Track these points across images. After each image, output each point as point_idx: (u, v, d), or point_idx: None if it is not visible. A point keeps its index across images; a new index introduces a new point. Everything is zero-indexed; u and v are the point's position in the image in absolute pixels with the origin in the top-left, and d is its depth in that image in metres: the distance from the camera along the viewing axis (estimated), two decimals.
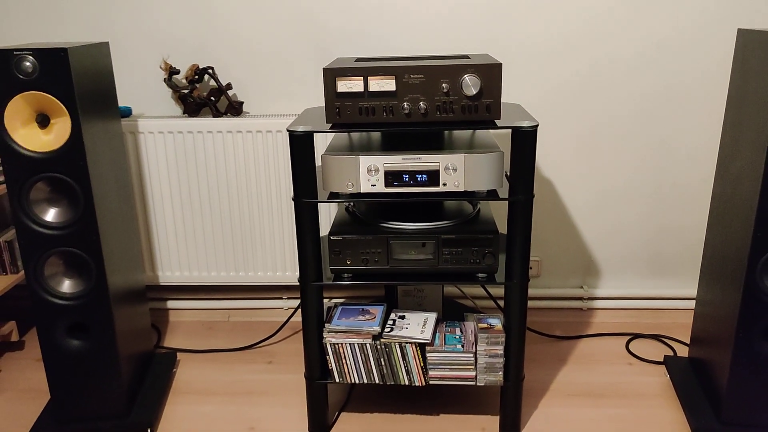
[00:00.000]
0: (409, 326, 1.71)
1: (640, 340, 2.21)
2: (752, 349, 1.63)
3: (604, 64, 2.12)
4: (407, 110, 1.52)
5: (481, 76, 1.49)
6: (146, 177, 2.18)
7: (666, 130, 2.18)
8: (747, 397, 1.67)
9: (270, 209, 2.20)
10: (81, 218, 1.62)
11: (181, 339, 2.29)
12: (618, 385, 1.97)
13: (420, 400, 1.91)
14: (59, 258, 1.66)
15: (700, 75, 2.12)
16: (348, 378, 1.72)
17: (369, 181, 1.57)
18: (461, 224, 1.68)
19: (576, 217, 2.31)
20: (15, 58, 1.49)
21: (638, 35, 2.09)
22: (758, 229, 1.54)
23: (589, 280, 2.38)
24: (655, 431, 1.76)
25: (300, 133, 1.54)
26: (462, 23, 2.11)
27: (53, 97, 1.52)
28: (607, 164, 2.23)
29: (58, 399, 1.75)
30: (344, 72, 1.50)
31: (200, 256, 2.26)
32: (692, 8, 2.05)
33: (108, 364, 1.73)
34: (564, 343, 2.21)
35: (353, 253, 1.65)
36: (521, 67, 2.15)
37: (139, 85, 2.22)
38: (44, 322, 1.68)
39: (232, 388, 2.00)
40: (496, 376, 1.69)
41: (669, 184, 2.24)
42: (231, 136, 2.13)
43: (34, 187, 1.59)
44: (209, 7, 2.12)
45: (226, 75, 2.19)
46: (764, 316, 1.60)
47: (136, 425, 1.78)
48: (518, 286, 1.63)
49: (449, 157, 1.55)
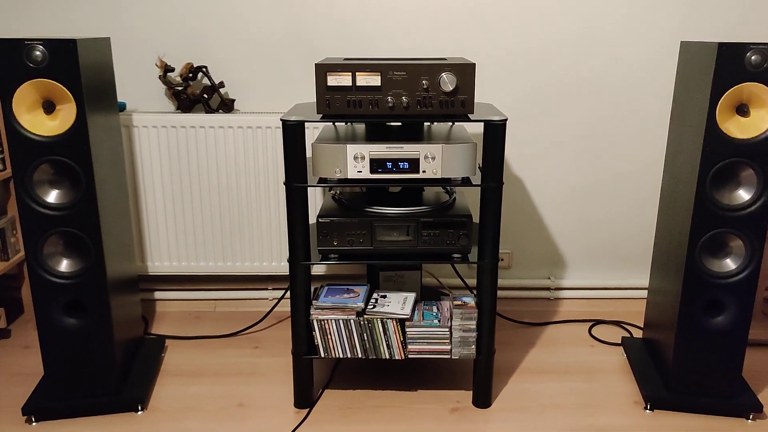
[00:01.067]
0: (390, 304, 1.85)
1: (602, 325, 2.39)
2: (694, 324, 1.82)
3: (567, 72, 2.32)
4: (391, 104, 1.67)
5: (457, 74, 1.65)
6: (139, 169, 2.28)
7: (622, 133, 2.39)
8: (690, 367, 1.85)
9: (258, 201, 2.32)
10: (82, 200, 1.72)
11: (168, 327, 2.38)
12: (580, 363, 2.14)
13: (399, 377, 2.04)
14: (59, 238, 1.75)
15: (651, 83, 2.34)
16: (333, 353, 1.84)
17: (355, 168, 1.71)
18: (438, 209, 1.83)
19: (544, 213, 2.49)
20: (26, 48, 1.60)
21: (598, 48, 2.30)
22: (696, 215, 1.74)
23: (556, 272, 2.56)
24: (612, 401, 1.94)
25: (293, 122, 1.68)
26: (442, 36, 2.29)
27: (61, 84, 1.63)
28: (572, 165, 2.43)
29: (52, 376, 1.82)
30: (334, 67, 1.65)
31: (189, 247, 2.36)
32: (643, 24, 2.27)
33: (102, 341, 1.82)
34: (532, 329, 2.38)
35: (339, 234, 1.78)
36: (495, 75, 2.33)
37: (134, 82, 2.33)
38: (41, 300, 1.76)
39: (220, 370, 2.10)
40: (469, 350, 1.84)
41: (625, 183, 2.44)
42: (222, 132, 2.25)
43: (38, 170, 1.69)
44: (205, 8, 2.26)
45: (219, 74, 2.32)
46: (703, 293, 1.80)
47: (127, 402, 1.87)
48: (489, 265, 1.79)
49: (428, 147, 1.70)
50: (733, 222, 1.75)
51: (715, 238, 1.78)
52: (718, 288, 1.79)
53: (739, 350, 1.83)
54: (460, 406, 1.91)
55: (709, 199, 1.73)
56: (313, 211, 2.33)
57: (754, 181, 1.72)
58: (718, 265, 1.80)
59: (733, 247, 1.79)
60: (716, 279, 1.79)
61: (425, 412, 1.88)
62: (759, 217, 1.73)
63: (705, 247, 1.78)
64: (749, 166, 1.71)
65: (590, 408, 1.91)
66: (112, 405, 1.86)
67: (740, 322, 1.80)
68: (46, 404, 1.82)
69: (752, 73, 1.64)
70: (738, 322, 1.80)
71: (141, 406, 1.87)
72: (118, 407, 1.86)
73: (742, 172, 1.73)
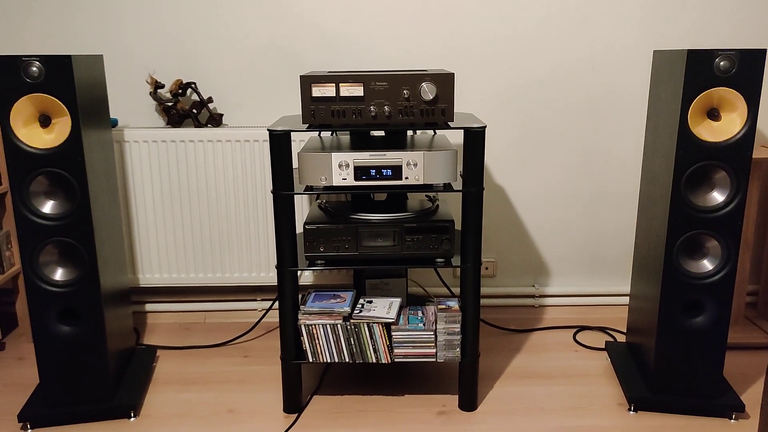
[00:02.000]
0: (376, 309, 1.89)
1: (586, 331, 2.44)
2: (674, 324, 1.86)
3: (545, 82, 2.40)
4: (374, 113, 1.74)
5: (437, 83, 1.72)
6: (130, 183, 2.34)
7: (600, 140, 2.46)
8: (672, 367, 1.89)
9: (246, 213, 2.38)
10: (76, 210, 1.78)
11: (159, 339, 2.42)
12: (565, 368, 2.18)
13: (386, 383, 2.07)
14: (54, 247, 1.80)
15: (627, 91, 2.42)
16: (321, 358, 1.88)
17: (340, 176, 1.77)
18: (422, 215, 1.89)
19: (527, 221, 2.55)
20: (23, 64, 1.67)
21: (574, 58, 2.38)
22: (672, 217, 1.80)
23: (540, 280, 2.61)
24: (596, 403, 1.97)
25: (279, 132, 1.74)
26: (424, 47, 2.37)
27: (57, 99, 1.70)
28: (553, 173, 2.49)
29: (47, 383, 1.86)
30: (318, 79, 1.72)
31: (179, 259, 2.41)
32: (617, 33, 2.36)
33: (96, 349, 1.86)
34: (518, 335, 2.42)
35: (326, 241, 1.83)
36: (474, 85, 2.41)
37: (125, 98, 2.40)
38: (37, 308, 1.81)
39: (210, 378, 2.14)
40: (454, 353, 1.88)
41: (606, 190, 2.51)
42: (211, 145, 2.31)
43: (35, 181, 1.75)
44: (194, 26, 2.34)
45: (208, 89, 2.39)
46: (682, 294, 1.84)
47: (120, 408, 1.90)
48: (472, 268, 1.84)
49: (411, 154, 1.77)
50: (708, 223, 1.80)
51: (692, 239, 1.83)
52: (697, 289, 1.84)
53: (719, 350, 1.87)
54: (446, 409, 1.94)
55: (684, 202, 1.79)
56: (300, 221, 2.39)
57: (728, 183, 1.78)
58: (696, 266, 1.85)
59: (710, 248, 1.84)
60: (694, 280, 1.84)
61: (412, 415, 1.91)
62: (733, 217, 1.79)
63: (682, 248, 1.83)
64: (722, 169, 1.78)
65: (575, 410, 1.94)
66: (105, 412, 1.89)
67: (719, 321, 1.85)
68: (42, 411, 1.86)
69: (721, 78, 1.70)
70: (717, 321, 1.85)
71: (134, 412, 1.90)
72: (111, 414, 1.89)
73: (716, 175, 1.79)
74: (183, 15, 2.33)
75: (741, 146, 1.74)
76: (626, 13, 2.34)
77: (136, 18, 2.33)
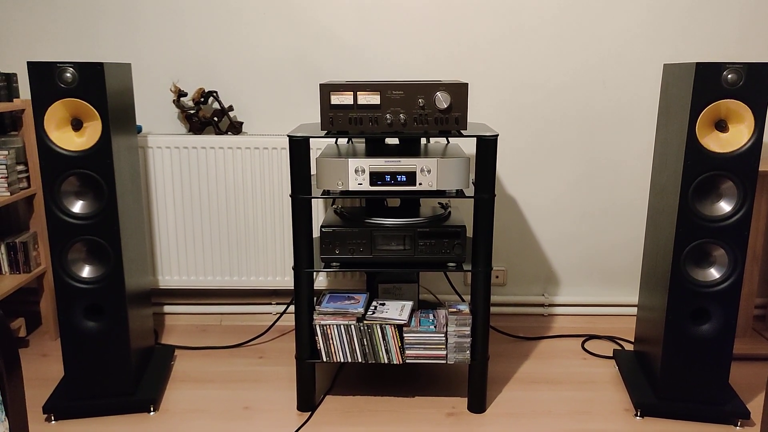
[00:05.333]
0: (388, 311, 1.95)
1: (595, 340, 2.47)
2: (680, 331, 1.90)
3: (558, 95, 2.46)
4: (389, 121, 1.81)
5: (451, 93, 1.79)
6: (152, 187, 2.42)
7: (610, 152, 2.51)
8: (678, 374, 1.92)
9: (264, 219, 2.45)
10: (104, 210, 1.86)
11: (176, 340, 2.48)
12: (573, 374, 2.21)
13: (397, 384, 2.12)
14: (83, 245, 1.89)
15: (638, 104, 2.47)
16: (334, 357, 1.94)
17: (356, 180, 1.84)
18: (434, 221, 1.95)
19: (538, 231, 2.60)
20: (58, 70, 1.76)
21: (584, 69, 2.44)
22: (680, 226, 1.84)
23: (550, 289, 2.65)
24: (604, 408, 2.00)
25: (299, 138, 1.82)
26: (439, 59, 2.45)
27: (88, 104, 1.79)
28: (565, 184, 2.54)
29: (72, 376, 1.93)
30: (337, 87, 1.80)
31: (198, 262, 2.49)
32: (628, 47, 2.42)
33: (118, 344, 1.93)
34: (527, 342, 2.46)
35: (341, 244, 1.90)
36: (486, 95, 2.47)
37: (149, 106, 2.50)
38: (64, 303, 1.89)
39: (226, 376, 2.20)
40: (464, 355, 1.93)
41: (616, 202, 2.55)
42: (231, 152, 2.39)
43: (66, 181, 1.83)
44: (216, 37, 2.43)
45: (229, 98, 2.48)
46: (689, 301, 1.88)
47: (140, 403, 1.97)
48: (483, 273, 1.89)
49: (425, 161, 1.83)
50: (715, 232, 1.84)
51: (699, 248, 1.87)
52: (703, 297, 1.88)
53: (725, 357, 1.90)
54: (455, 411, 1.99)
55: (692, 211, 1.84)
56: (317, 226, 2.45)
57: (734, 192, 1.83)
58: (703, 275, 1.89)
59: (717, 256, 1.88)
60: (701, 288, 1.88)
61: (422, 416, 1.96)
62: (740, 227, 1.83)
63: (689, 257, 1.88)
64: (729, 179, 1.82)
65: (582, 414, 1.98)
66: (126, 405, 1.96)
67: (725, 329, 1.88)
68: (65, 404, 1.93)
69: (729, 91, 1.76)
70: (723, 329, 1.88)
71: (153, 407, 1.97)
72: (132, 408, 1.96)
73: (723, 185, 1.84)
74: (206, 27, 2.43)
75: (748, 157, 1.79)
76: (637, 27, 2.40)
77: (162, 29, 2.43)
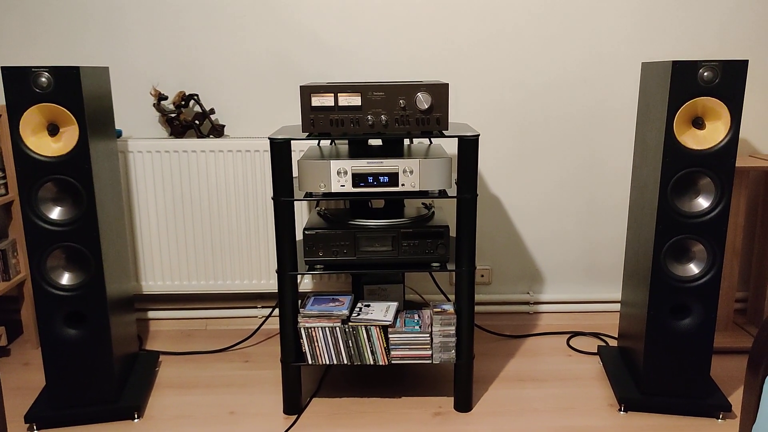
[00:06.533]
0: (373, 312, 1.95)
1: (579, 337, 2.49)
2: (662, 327, 1.92)
3: (537, 92, 2.48)
4: (371, 122, 1.81)
5: (432, 93, 1.79)
6: (134, 192, 2.40)
7: (593, 150, 2.53)
8: (661, 368, 1.94)
9: (247, 222, 2.44)
10: (83, 216, 1.83)
11: (161, 345, 2.46)
12: (558, 371, 2.23)
13: (383, 385, 2.12)
14: (61, 252, 1.86)
15: (617, 102, 2.49)
16: (320, 360, 1.93)
17: (339, 182, 1.83)
18: (417, 221, 1.95)
19: (522, 230, 2.61)
20: (33, 74, 1.74)
21: (565, 68, 2.46)
22: (660, 222, 1.86)
23: (534, 287, 2.67)
24: (588, 404, 2.02)
25: (280, 141, 1.81)
26: (421, 60, 2.45)
27: (65, 108, 1.77)
28: (547, 182, 2.56)
29: (54, 385, 1.90)
30: (317, 89, 1.79)
31: (181, 267, 2.47)
32: (608, 45, 2.44)
33: (101, 351, 1.91)
34: (512, 341, 2.47)
35: (325, 246, 1.89)
36: (469, 95, 2.48)
37: (129, 109, 2.47)
38: (44, 311, 1.86)
39: (211, 381, 2.18)
40: (449, 355, 1.93)
41: (598, 199, 2.57)
42: (213, 156, 2.38)
43: (43, 188, 1.81)
44: (196, 40, 2.42)
45: (210, 101, 2.46)
46: (670, 297, 1.90)
47: (124, 410, 1.95)
48: (466, 272, 1.89)
49: (407, 162, 1.83)
50: (694, 228, 1.86)
51: (679, 244, 1.89)
52: (684, 292, 1.90)
53: (706, 351, 1.92)
54: (442, 410, 1.99)
55: (671, 208, 1.86)
56: (300, 229, 2.44)
57: (712, 189, 1.85)
58: (683, 270, 1.91)
59: (696, 252, 1.90)
60: (681, 283, 1.90)
61: (409, 416, 1.96)
62: (718, 222, 1.85)
63: (669, 253, 1.90)
64: (706, 175, 1.84)
65: (567, 411, 1.99)
66: (110, 413, 1.93)
67: (706, 323, 1.91)
68: (48, 413, 1.90)
69: (705, 88, 1.78)
70: (704, 323, 1.91)
71: (138, 414, 1.95)
72: (115, 415, 1.94)
73: (701, 181, 1.86)
74: (186, 29, 2.41)
75: (725, 153, 1.81)
76: (616, 26, 2.42)
77: (141, 31, 2.41)
